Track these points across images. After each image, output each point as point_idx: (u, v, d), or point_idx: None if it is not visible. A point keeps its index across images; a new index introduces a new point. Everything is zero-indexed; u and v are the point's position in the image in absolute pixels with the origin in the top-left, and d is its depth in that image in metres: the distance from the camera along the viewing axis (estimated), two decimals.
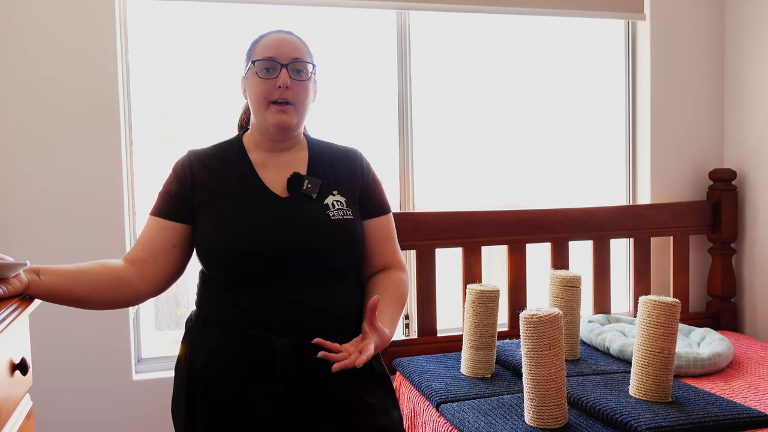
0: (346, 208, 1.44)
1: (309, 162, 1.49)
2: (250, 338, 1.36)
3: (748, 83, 2.90)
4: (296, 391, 1.36)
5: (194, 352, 1.42)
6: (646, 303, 1.96)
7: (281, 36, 1.45)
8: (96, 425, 2.43)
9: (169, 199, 1.44)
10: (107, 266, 1.37)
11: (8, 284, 1.20)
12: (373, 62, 2.77)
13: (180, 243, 1.43)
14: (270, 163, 1.47)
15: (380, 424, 1.44)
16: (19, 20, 2.32)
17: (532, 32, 2.97)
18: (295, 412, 1.37)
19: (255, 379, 1.36)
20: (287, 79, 1.40)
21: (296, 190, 1.43)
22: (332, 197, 1.45)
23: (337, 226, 1.41)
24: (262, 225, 1.38)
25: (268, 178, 1.44)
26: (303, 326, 1.37)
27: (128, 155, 2.50)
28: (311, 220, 1.40)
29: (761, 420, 1.81)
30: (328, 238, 1.40)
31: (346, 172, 1.50)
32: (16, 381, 1.24)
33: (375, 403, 1.45)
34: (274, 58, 1.41)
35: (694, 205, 2.92)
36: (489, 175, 2.97)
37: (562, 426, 1.79)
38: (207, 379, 1.39)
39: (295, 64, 1.42)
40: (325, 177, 1.47)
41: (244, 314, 1.37)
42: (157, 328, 2.69)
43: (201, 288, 1.47)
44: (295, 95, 1.41)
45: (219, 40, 2.62)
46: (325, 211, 1.42)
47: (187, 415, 1.41)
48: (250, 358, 1.36)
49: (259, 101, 1.42)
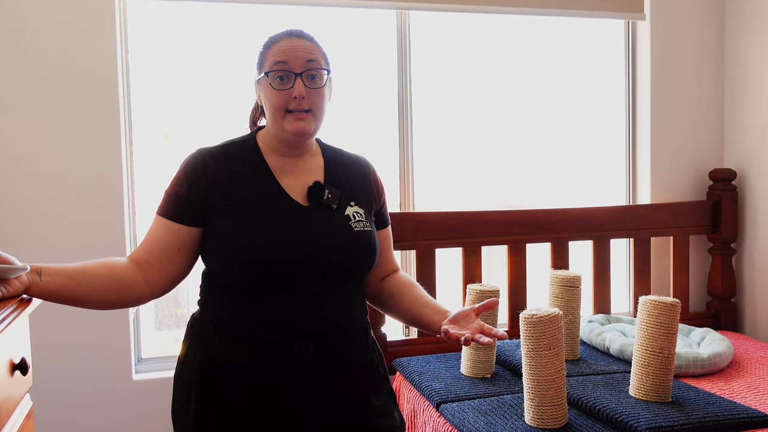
0: (365, 220, 1.45)
1: (325, 169, 1.48)
2: (271, 344, 1.35)
3: (748, 83, 2.90)
4: (316, 397, 1.36)
5: (205, 356, 1.38)
6: (646, 303, 1.96)
7: (293, 41, 1.40)
8: (96, 425, 2.43)
9: (177, 201, 1.39)
10: (110, 267, 1.36)
11: (8, 285, 1.20)
12: (373, 62, 2.77)
13: (186, 247, 1.39)
14: (287, 169, 1.44)
15: (386, 425, 1.44)
16: (20, 20, 2.32)
17: (532, 32, 2.96)
18: (313, 418, 1.36)
19: (277, 385, 1.34)
20: (302, 89, 1.37)
21: (317, 199, 1.41)
22: (351, 208, 1.45)
23: (360, 238, 1.42)
24: (286, 233, 1.36)
25: (288, 185, 1.42)
26: (322, 333, 1.37)
27: (128, 155, 2.50)
28: (336, 231, 1.40)
29: (761, 420, 1.81)
30: (352, 249, 1.40)
31: (361, 183, 1.51)
32: (16, 381, 1.24)
33: (380, 404, 1.46)
34: (288, 66, 1.37)
35: (694, 205, 2.92)
36: (489, 175, 2.97)
37: (562, 426, 1.79)
38: (223, 384, 1.36)
39: (310, 71, 1.38)
40: (341, 186, 1.46)
41: (265, 320, 1.35)
42: (157, 328, 2.69)
43: (208, 289, 1.45)
44: (312, 103, 1.39)
45: (219, 40, 2.62)
46: (348, 222, 1.42)
47: (196, 419, 1.38)
48: (273, 364, 1.34)
49: (275, 111, 1.39)
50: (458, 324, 1.35)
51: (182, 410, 1.42)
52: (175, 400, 1.44)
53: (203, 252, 1.43)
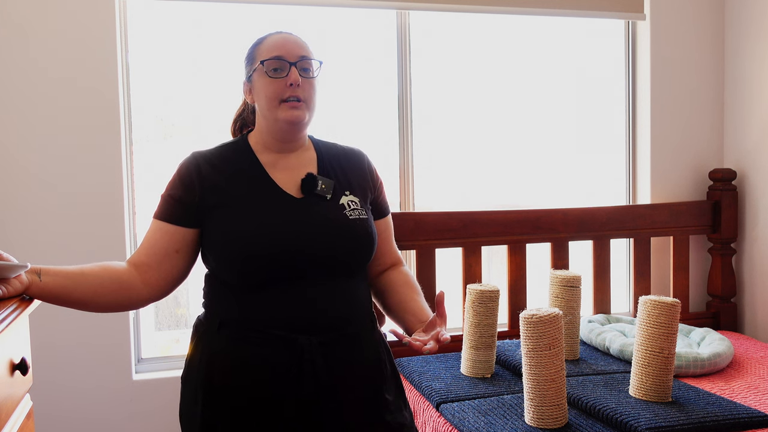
0: (360, 208, 1.45)
1: (318, 162, 1.49)
2: (275, 339, 1.35)
3: (748, 83, 2.90)
4: (323, 389, 1.36)
5: (211, 355, 1.39)
6: (646, 303, 1.96)
7: (285, 36, 1.45)
8: (96, 425, 2.43)
9: (173, 203, 1.41)
10: (110, 269, 1.36)
11: (8, 284, 1.20)
12: (374, 62, 2.77)
13: (184, 248, 1.41)
14: (280, 165, 1.46)
15: (397, 422, 1.45)
16: (20, 20, 2.32)
17: (532, 32, 2.97)
18: (321, 411, 1.36)
19: (283, 379, 1.35)
20: (298, 76, 1.40)
21: (310, 190, 1.43)
22: (346, 197, 1.46)
23: (356, 226, 1.42)
24: (281, 226, 1.37)
25: (280, 179, 1.44)
26: (326, 325, 1.37)
27: (128, 155, 2.50)
28: (330, 221, 1.40)
29: (761, 420, 1.81)
30: (348, 238, 1.41)
31: (355, 172, 1.52)
32: (16, 381, 1.24)
33: (391, 400, 1.46)
34: (282, 57, 1.41)
35: (694, 205, 2.92)
36: (489, 175, 2.97)
37: (562, 426, 1.79)
38: (229, 382, 1.37)
39: (303, 62, 1.42)
40: (335, 177, 1.48)
41: (266, 316, 1.36)
42: (157, 328, 2.69)
43: (210, 290, 1.46)
44: (305, 92, 1.42)
45: (219, 40, 2.62)
46: (342, 211, 1.42)
47: (203, 418, 1.38)
48: (278, 358, 1.35)
49: (270, 100, 1.42)
50: (430, 330, 1.35)
51: (190, 410, 1.43)
52: (183, 401, 1.46)
53: (203, 253, 1.45)
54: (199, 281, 1.50)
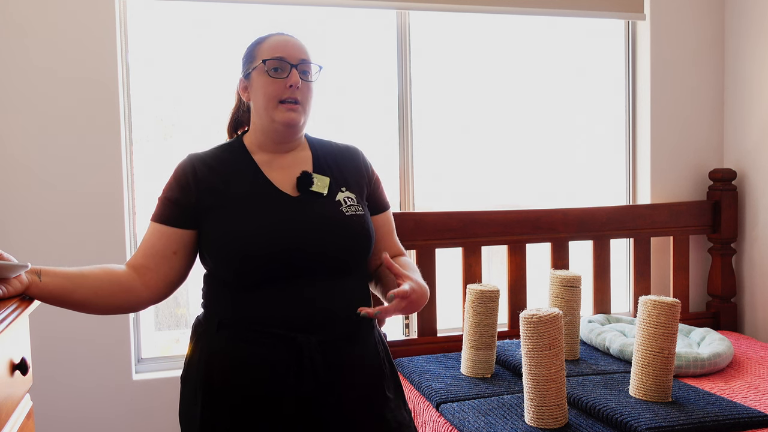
0: (357, 204, 1.46)
1: (313, 160, 1.49)
2: (274, 338, 1.35)
3: (748, 83, 2.90)
4: (323, 387, 1.36)
5: (211, 355, 1.39)
6: (646, 303, 1.96)
7: (287, 38, 1.46)
8: (96, 425, 2.42)
9: (170, 205, 1.42)
10: (110, 271, 1.37)
11: (8, 285, 1.20)
12: (373, 62, 2.77)
13: (181, 249, 1.42)
14: (275, 164, 1.46)
15: (397, 420, 1.45)
16: (20, 20, 2.32)
17: (532, 32, 2.96)
18: (321, 408, 1.36)
19: (283, 378, 1.35)
20: (298, 78, 1.41)
21: (306, 188, 1.43)
22: (342, 194, 1.46)
23: (352, 222, 1.42)
24: (278, 225, 1.37)
25: (276, 178, 1.44)
26: (325, 323, 1.38)
27: (128, 155, 2.50)
28: (326, 217, 1.41)
29: (761, 420, 1.81)
30: (344, 234, 1.41)
31: (351, 169, 1.52)
32: (16, 381, 1.24)
33: (391, 398, 1.47)
34: (284, 58, 1.42)
35: (694, 205, 2.92)
36: (489, 174, 2.97)
37: (562, 426, 1.79)
38: (228, 381, 1.37)
39: (303, 65, 1.44)
40: (331, 174, 1.48)
41: (265, 315, 1.36)
42: (157, 328, 2.69)
43: (209, 290, 1.46)
44: (303, 95, 1.43)
45: (219, 40, 2.62)
46: (338, 208, 1.43)
47: (203, 417, 1.38)
48: (277, 357, 1.35)
49: (268, 100, 1.42)
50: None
51: (189, 410, 1.43)
52: (183, 401, 1.46)
53: (201, 253, 1.46)
54: (198, 281, 1.51)
